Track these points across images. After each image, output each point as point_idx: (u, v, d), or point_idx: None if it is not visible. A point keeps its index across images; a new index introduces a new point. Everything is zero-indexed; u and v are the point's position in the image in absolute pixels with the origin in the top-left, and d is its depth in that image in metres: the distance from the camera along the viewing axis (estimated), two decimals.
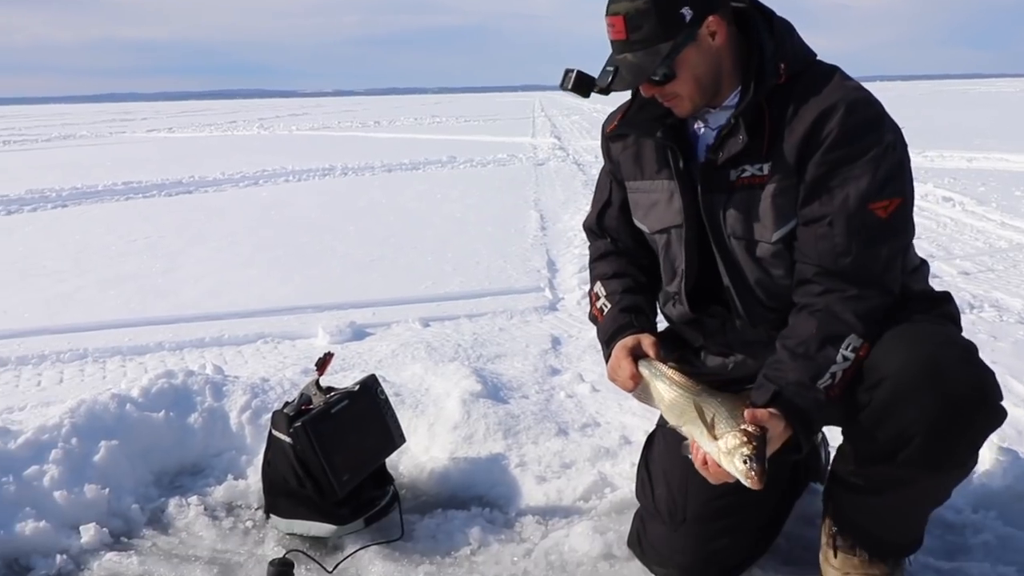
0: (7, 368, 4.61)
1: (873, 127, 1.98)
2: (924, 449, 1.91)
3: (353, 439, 2.67)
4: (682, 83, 2.06)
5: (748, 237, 2.11)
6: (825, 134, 1.97)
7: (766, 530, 2.36)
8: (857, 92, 2.01)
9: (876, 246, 1.97)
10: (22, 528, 2.57)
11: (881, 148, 1.96)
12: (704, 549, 2.26)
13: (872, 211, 1.96)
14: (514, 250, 7.36)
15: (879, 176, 1.95)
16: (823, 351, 1.95)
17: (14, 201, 11.66)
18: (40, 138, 29.00)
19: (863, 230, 1.97)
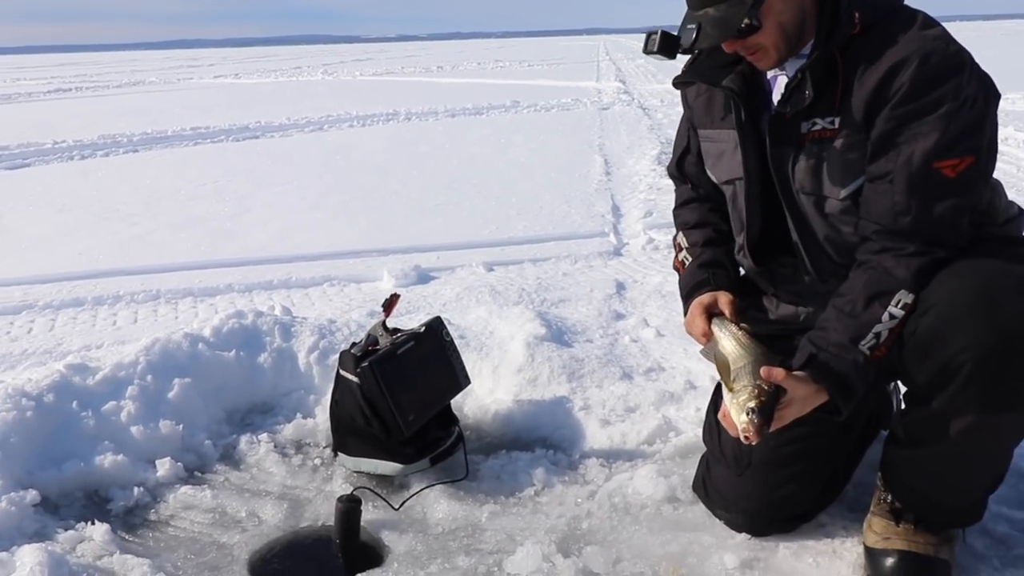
0: (84, 308, 4.75)
1: (949, 79, 1.85)
2: (973, 381, 1.80)
3: (419, 380, 2.70)
4: (767, 33, 1.97)
5: (817, 193, 2.05)
6: (895, 88, 1.87)
7: (834, 478, 2.32)
8: (936, 42, 1.88)
9: (937, 205, 1.88)
10: (101, 461, 2.65)
11: (956, 103, 1.84)
12: (770, 495, 2.23)
13: (938, 169, 1.86)
14: (578, 195, 7.31)
15: (950, 133, 1.85)
16: (869, 309, 1.89)
17: (87, 146, 11.92)
18: (111, 84, 29.49)
19: (925, 189, 1.88)
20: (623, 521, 2.39)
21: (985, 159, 1.90)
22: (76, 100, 22.53)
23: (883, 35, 1.92)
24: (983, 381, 1.80)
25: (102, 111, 18.16)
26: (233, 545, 2.38)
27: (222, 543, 2.40)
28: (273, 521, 2.49)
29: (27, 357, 3.99)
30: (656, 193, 7.19)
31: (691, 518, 2.40)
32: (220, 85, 28.11)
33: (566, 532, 2.34)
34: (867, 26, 1.93)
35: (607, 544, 2.28)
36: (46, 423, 2.71)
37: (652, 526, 2.37)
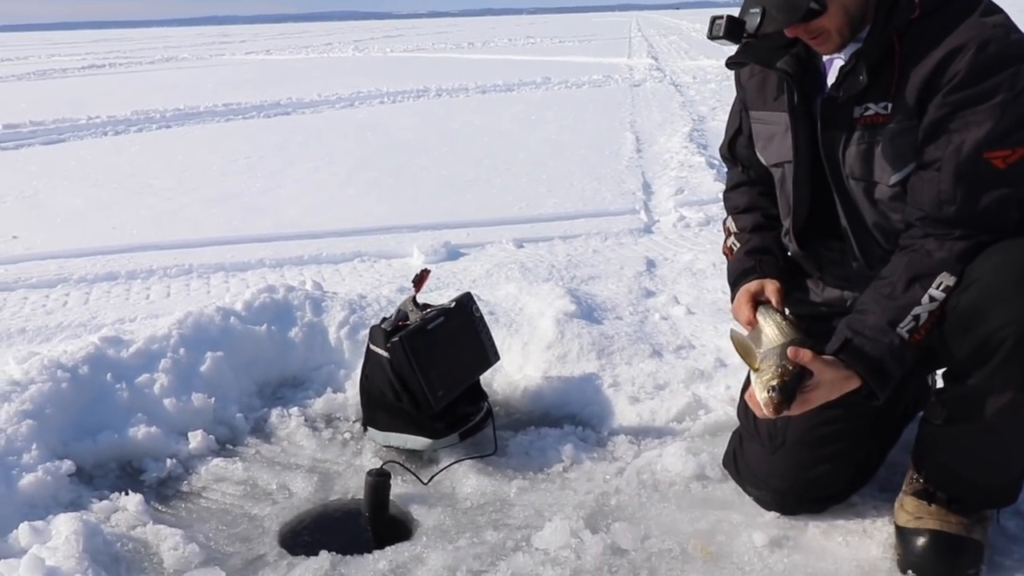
0: (118, 282, 4.80)
1: (1005, 68, 1.82)
2: (1014, 357, 1.78)
3: (449, 355, 2.70)
4: (831, 17, 1.95)
5: (867, 178, 2.04)
6: (951, 74, 1.84)
7: (868, 461, 2.30)
8: (996, 29, 1.84)
9: (984, 196, 1.85)
10: (135, 433, 2.69)
11: (1012, 92, 1.81)
12: (803, 475, 2.22)
13: (987, 160, 1.83)
14: (609, 172, 7.27)
15: (1004, 123, 1.81)
16: (910, 291, 1.88)
17: (121, 122, 12.02)
18: (144, 60, 29.68)
19: (972, 178, 1.85)
20: (651, 498, 2.39)
21: None
22: (110, 76, 22.71)
23: (943, 20, 1.89)
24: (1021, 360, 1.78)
25: (135, 87, 18.29)
26: (264, 517, 2.41)
27: (253, 515, 2.42)
28: (303, 494, 2.52)
29: (62, 330, 4.04)
30: (688, 171, 7.13)
31: (720, 496, 2.39)
32: (251, 61, 28.20)
33: (594, 508, 2.34)
34: (926, 11, 1.91)
35: (635, 521, 2.28)
36: (81, 395, 2.75)
37: (681, 503, 2.36)
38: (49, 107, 13.67)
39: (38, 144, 10.52)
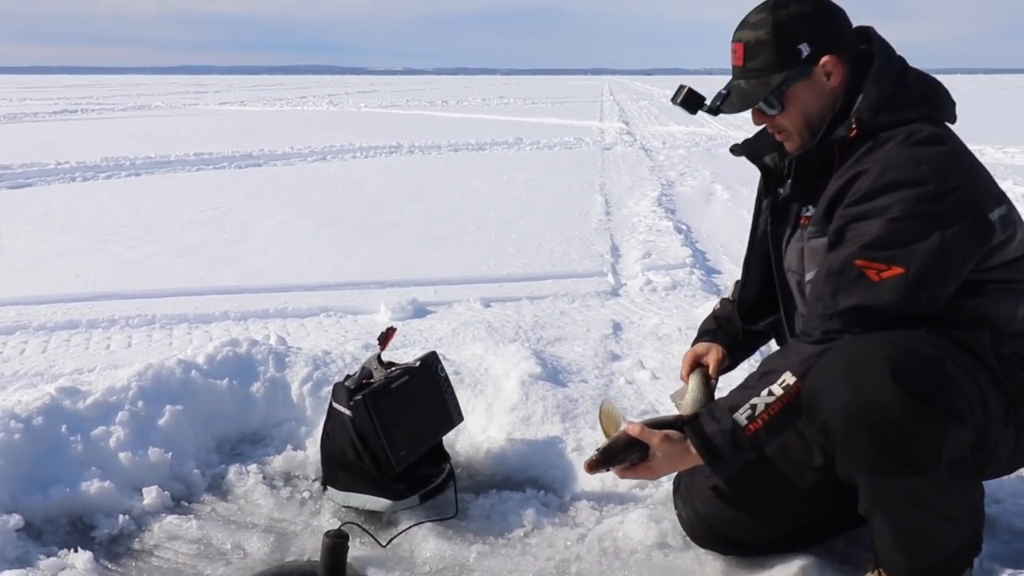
0: (78, 331, 4.73)
1: (905, 189, 1.90)
2: (849, 440, 1.87)
3: (412, 415, 2.68)
4: (790, 117, 2.10)
5: (800, 272, 2.18)
6: (854, 191, 1.96)
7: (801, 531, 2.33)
8: (908, 157, 1.93)
9: (842, 299, 1.95)
10: (87, 487, 2.63)
11: (904, 213, 1.89)
12: (727, 511, 2.30)
13: (859, 267, 1.92)
14: (578, 234, 7.32)
15: (884, 238, 1.90)
16: (760, 383, 2.01)
17: (90, 168, 11.96)
18: (116, 107, 29.65)
19: (839, 279, 1.95)
20: (612, 565, 2.37)
21: (922, 277, 1.89)
22: (81, 122, 22.65)
23: (872, 143, 1.99)
24: (854, 444, 1.88)
25: (106, 133, 18.23)
26: None
27: (206, 575, 2.36)
28: (259, 554, 2.47)
29: (19, 378, 3.96)
30: (656, 235, 7.21)
31: (681, 564, 2.38)
32: (225, 112, 28.27)
33: (554, 575, 2.31)
34: (862, 133, 2.01)
35: None
36: (34, 446, 2.69)
37: (642, 571, 2.35)
38: (18, 150, 13.59)
39: (4, 188, 10.43)
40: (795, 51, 2.03)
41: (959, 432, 1.85)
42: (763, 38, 2.04)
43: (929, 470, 1.86)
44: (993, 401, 1.92)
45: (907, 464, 1.86)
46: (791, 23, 2.03)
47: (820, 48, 2.03)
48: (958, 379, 1.86)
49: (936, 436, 1.82)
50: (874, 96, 2.01)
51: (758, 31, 2.05)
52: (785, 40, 2.03)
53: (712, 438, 2.02)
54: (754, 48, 2.06)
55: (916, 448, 1.83)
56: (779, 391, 1.97)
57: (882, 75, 2.03)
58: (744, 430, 1.99)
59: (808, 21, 2.05)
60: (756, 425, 1.98)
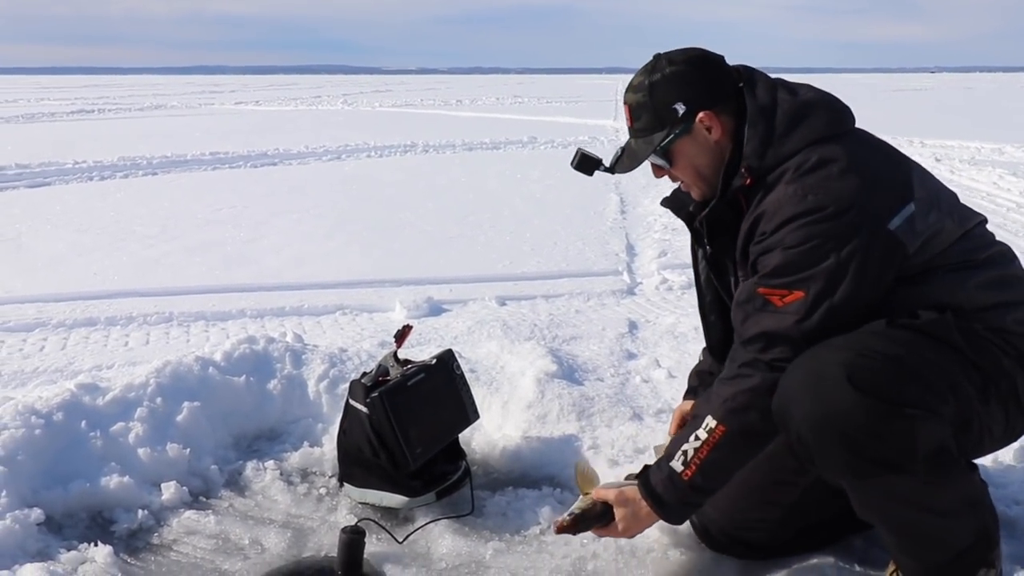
0: (97, 328, 4.77)
1: (796, 221, 1.96)
2: (820, 450, 1.89)
3: (428, 412, 2.69)
4: (680, 171, 2.21)
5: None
6: (758, 232, 2.03)
7: (816, 528, 2.36)
8: (797, 186, 1.98)
9: (750, 326, 2.02)
10: (107, 482, 2.65)
11: (798, 240, 1.95)
12: (735, 515, 2.33)
13: (762, 295, 2.00)
14: (593, 233, 7.32)
15: (782, 266, 1.97)
16: (688, 429, 2.09)
17: (107, 167, 12.03)
18: (133, 107, 29.78)
19: (745, 306, 2.03)
20: (629, 564, 2.37)
21: (822, 298, 1.95)
22: (98, 121, 22.77)
23: (764, 188, 2.05)
24: (828, 454, 1.89)
25: (123, 133, 18.33)
26: (235, 572, 2.37)
27: (224, 570, 2.38)
28: (276, 550, 2.48)
29: (38, 375, 4.00)
30: (671, 233, 7.19)
31: (698, 565, 2.38)
32: (241, 111, 28.37)
33: (571, 573, 2.32)
34: (756, 178, 2.06)
35: None
36: (54, 442, 2.72)
37: (659, 570, 2.35)
38: (36, 150, 13.67)
39: (23, 187, 10.50)
40: (671, 110, 2.13)
41: (930, 425, 1.85)
42: (642, 100, 2.16)
43: (908, 467, 1.86)
44: (966, 383, 1.92)
45: (883, 465, 1.86)
46: (664, 84, 2.13)
47: (695, 106, 2.12)
48: (920, 371, 1.88)
49: (904, 432, 1.83)
50: (755, 141, 2.07)
51: (638, 94, 2.17)
52: (660, 101, 2.13)
53: (655, 487, 2.12)
54: (637, 110, 2.18)
55: (888, 448, 1.84)
56: (704, 435, 2.04)
57: (756, 117, 2.09)
58: (680, 476, 2.07)
59: (680, 81, 2.13)
60: (691, 471, 2.06)
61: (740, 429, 2.02)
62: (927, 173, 2.11)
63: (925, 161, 11.80)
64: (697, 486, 2.08)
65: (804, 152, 2.02)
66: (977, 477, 2.13)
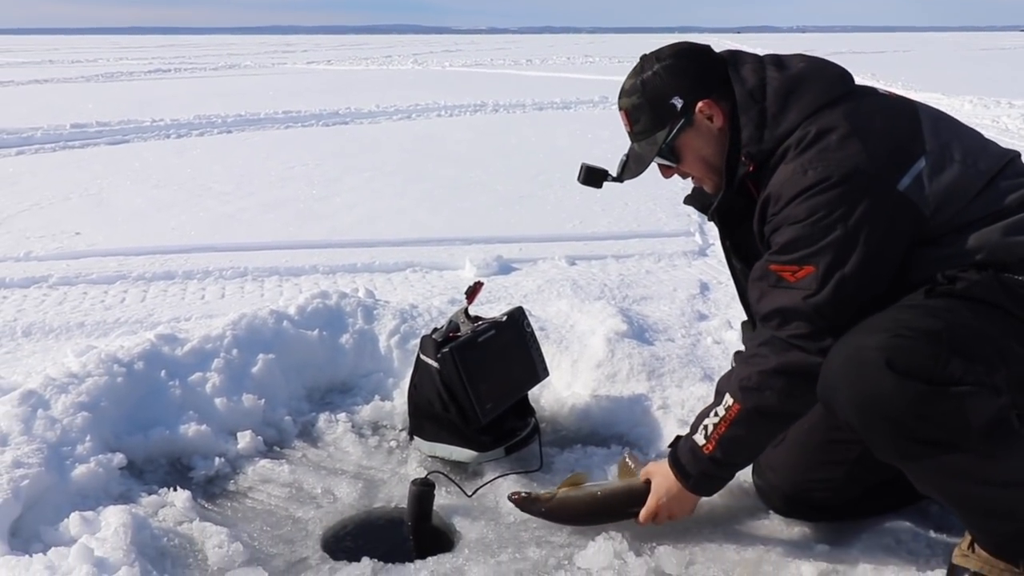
0: (175, 281, 4.88)
1: (800, 197, 1.93)
2: (870, 435, 1.86)
3: (498, 368, 2.70)
4: (689, 165, 2.18)
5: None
6: (770, 215, 2.01)
7: (886, 486, 2.29)
8: (796, 164, 1.95)
9: (764, 303, 2.00)
10: (186, 430, 2.72)
11: (804, 215, 1.92)
12: (795, 476, 2.31)
13: (774, 272, 1.98)
14: (664, 193, 7.20)
15: (791, 242, 1.94)
16: (712, 404, 2.11)
17: (183, 126, 12.25)
18: (208, 67, 30.23)
19: (759, 284, 2.02)
20: (697, 524, 2.35)
21: (832, 270, 1.91)
22: (174, 80, 23.17)
23: (771, 169, 2.02)
24: (877, 437, 1.85)
25: (199, 92, 18.62)
26: (308, 520, 2.42)
27: (297, 517, 2.43)
28: (348, 500, 2.52)
29: (120, 325, 4.11)
30: None
31: (768, 526, 2.35)
32: (312, 71, 28.59)
33: (639, 531, 2.31)
34: (759, 164, 2.04)
35: (680, 546, 2.25)
36: (135, 390, 2.80)
37: (728, 531, 2.33)
38: (115, 108, 14.00)
39: (103, 144, 10.76)
40: (669, 106, 2.10)
41: (981, 399, 1.77)
42: (637, 102, 2.15)
43: (962, 445, 1.79)
44: (1016, 345, 1.83)
45: (935, 445, 1.80)
46: (657, 80, 2.11)
47: (692, 96, 2.09)
48: (964, 343, 1.79)
49: (953, 411, 1.76)
50: (750, 127, 2.04)
51: (632, 97, 2.16)
52: (656, 99, 2.11)
53: (680, 458, 2.17)
54: (634, 113, 2.16)
55: (937, 428, 1.77)
56: (722, 411, 2.06)
57: (746, 102, 2.06)
58: (702, 449, 2.11)
59: (672, 74, 2.11)
60: (711, 445, 2.09)
61: (755, 408, 2.01)
62: (942, 118, 2.03)
63: (1013, 123, 11.36)
64: (718, 460, 2.10)
65: (802, 127, 1.99)
66: None
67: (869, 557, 2.18)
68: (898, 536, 2.25)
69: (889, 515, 2.32)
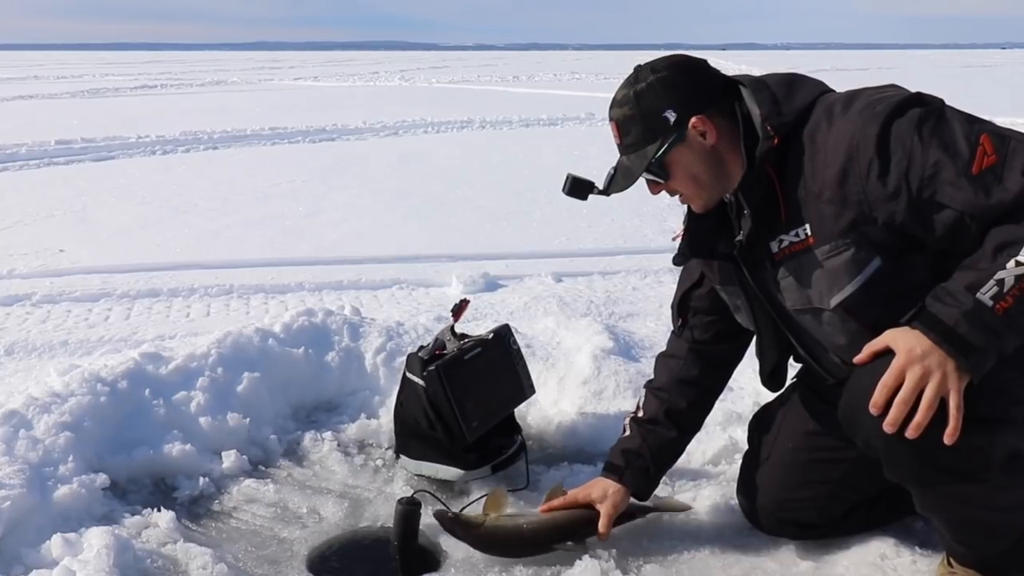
0: (159, 299, 4.86)
1: (894, 123, 1.78)
2: (889, 460, 1.84)
3: (484, 386, 2.69)
4: (678, 182, 2.06)
5: (808, 306, 2.02)
6: (865, 170, 1.81)
7: (869, 505, 2.32)
8: (869, 105, 1.83)
9: (1008, 178, 1.71)
10: (170, 449, 2.70)
11: (920, 130, 1.76)
12: (779, 494, 2.31)
13: (977, 174, 1.72)
14: (650, 209, 7.23)
15: (949, 146, 1.74)
16: (995, 260, 1.69)
17: (169, 142, 12.23)
18: (194, 83, 30.20)
19: (987, 187, 1.72)
20: (684, 541, 2.35)
21: (987, 126, 1.77)
22: (160, 97, 23.14)
23: (809, 135, 1.91)
24: (898, 463, 1.84)
25: (185, 108, 18.61)
26: (293, 540, 2.40)
27: (283, 537, 2.42)
28: (333, 519, 2.51)
29: (104, 344, 4.09)
30: None
31: (755, 543, 2.35)
32: (299, 87, 28.61)
33: (626, 548, 2.31)
34: (783, 135, 1.93)
35: (667, 563, 2.25)
36: (119, 409, 2.78)
37: (714, 548, 2.32)
38: (101, 125, 13.94)
39: (88, 160, 10.73)
40: (662, 119, 2.00)
41: (1007, 433, 1.78)
42: (629, 113, 2.05)
43: (981, 474, 1.80)
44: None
45: (955, 474, 1.80)
46: (651, 93, 2.02)
47: (686, 111, 1.99)
48: (996, 375, 1.72)
49: (982, 446, 1.76)
50: (767, 104, 1.94)
51: (624, 107, 2.06)
52: (649, 112, 2.01)
53: (955, 326, 1.68)
54: (625, 125, 2.06)
55: (962, 460, 1.77)
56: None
57: (756, 89, 1.98)
58: (991, 311, 1.67)
59: (667, 88, 2.00)
60: (1005, 303, 1.66)
61: None
62: None
63: None
64: (1013, 323, 1.68)
65: (819, 100, 1.94)
66: None
67: (855, 574, 2.18)
68: (883, 553, 2.24)
69: (874, 532, 2.32)
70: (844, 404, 1.87)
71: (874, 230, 1.84)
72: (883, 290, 1.89)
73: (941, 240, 1.80)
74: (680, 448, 2.46)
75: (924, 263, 1.86)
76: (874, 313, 1.90)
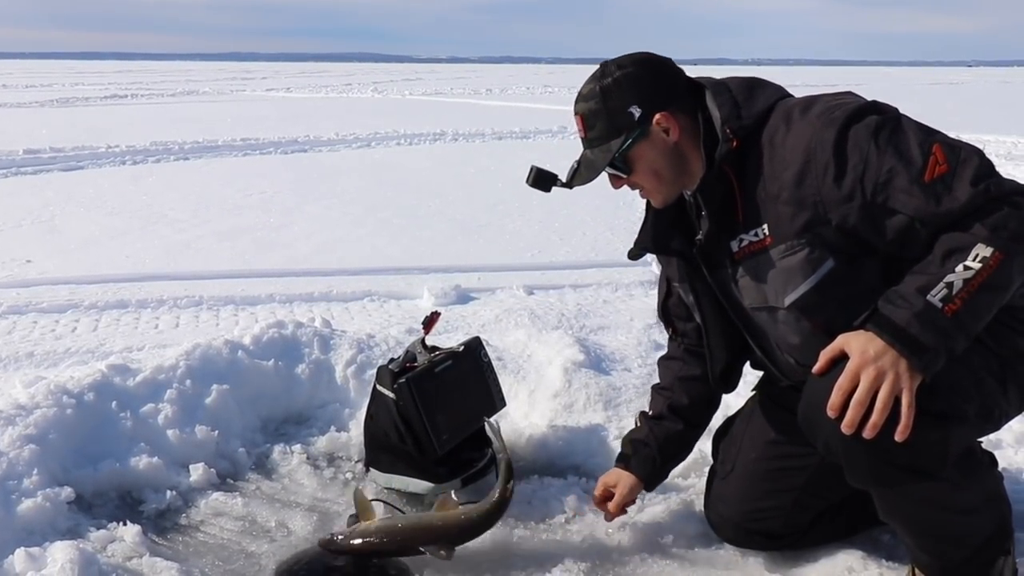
0: (128, 310, 4.81)
1: (851, 127, 1.84)
2: (848, 462, 1.85)
3: (455, 399, 2.69)
4: (640, 177, 2.10)
5: (764, 304, 2.06)
6: (821, 173, 1.85)
7: (834, 512, 2.35)
8: (827, 111, 1.88)
9: (965, 188, 1.75)
10: (136, 463, 2.68)
11: (875, 136, 1.81)
12: (743, 506, 2.34)
13: (928, 183, 1.76)
14: (622, 223, 7.28)
15: (906, 155, 1.79)
16: (944, 265, 1.73)
17: (139, 152, 12.13)
18: (165, 93, 29.98)
19: (937, 195, 1.76)
20: (653, 554, 2.36)
21: (939, 137, 1.83)
22: (131, 107, 22.95)
23: (767, 138, 1.95)
24: (857, 464, 1.85)
25: (156, 118, 18.46)
26: (261, 554, 2.39)
27: (250, 552, 2.40)
28: (302, 533, 2.49)
29: (70, 355, 4.04)
30: None
31: (723, 556, 2.37)
32: (271, 98, 28.49)
33: (595, 562, 2.32)
34: (742, 137, 1.97)
35: None
36: (85, 422, 2.74)
37: (683, 562, 2.34)
38: (70, 134, 13.82)
39: (57, 171, 10.61)
40: (627, 115, 2.03)
41: (961, 429, 1.83)
42: (595, 107, 2.07)
43: (938, 472, 1.83)
44: (988, 377, 1.85)
45: (914, 473, 1.83)
46: (617, 89, 2.04)
47: (651, 107, 2.02)
48: (949, 373, 1.76)
49: (938, 441, 1.79)
50: (727, 107, 1.99)
51: (590, 102, 2.08)
52: (614, 106, 2.04)
53: (907, 326, 1.71)
54: (590, 119, 2.08)
55: (920, 457, 1.80)
56: (976, 265, 1.71)
57: (716, 88, 2.04)
58: (941, 312, 1.70)
59: (633, 84, 2.04)
60: (954, 306, 1.70)
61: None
62: None
63: None
64: (961, 325, 1.72)
65: (778, 105, 1.99)
66: (996, 470, 2.11)
67: None
68: (851, 566, 2.26)
69: (842, 544, 2.35)
70: (803, 409, 1.89)
71: (828, 231, 1.89)
72: (836, 292, 1.93)
73: (891, 245, 1.85)
74: (687, 441, 2.49)
75: (876, 268, 1.90)
76: (827, 314, 1.94)
